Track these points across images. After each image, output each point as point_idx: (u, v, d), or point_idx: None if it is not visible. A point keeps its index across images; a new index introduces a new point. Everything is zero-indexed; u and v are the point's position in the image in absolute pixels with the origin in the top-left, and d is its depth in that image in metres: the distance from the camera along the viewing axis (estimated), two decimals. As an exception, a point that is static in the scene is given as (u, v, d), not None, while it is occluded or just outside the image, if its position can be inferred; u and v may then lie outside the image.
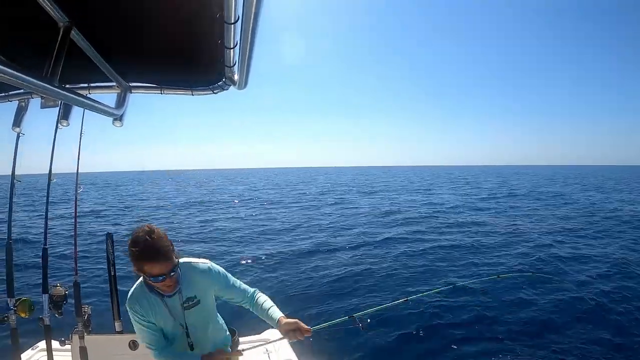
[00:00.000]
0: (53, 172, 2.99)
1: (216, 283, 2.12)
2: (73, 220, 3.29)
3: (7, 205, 2.97)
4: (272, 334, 3.47)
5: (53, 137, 2.91)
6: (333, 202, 25.85)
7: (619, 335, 5.54)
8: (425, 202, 24.83)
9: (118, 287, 3.15)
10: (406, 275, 8.66)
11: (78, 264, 3.18)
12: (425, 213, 19.11)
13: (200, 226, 16.29)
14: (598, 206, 21.16)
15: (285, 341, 3.29)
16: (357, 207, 22.38)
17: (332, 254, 10.67)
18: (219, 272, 2.14)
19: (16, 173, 2.92)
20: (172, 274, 1.86)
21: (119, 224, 17.00)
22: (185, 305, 2.03)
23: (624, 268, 8.72)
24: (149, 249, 1.78)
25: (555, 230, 13.95)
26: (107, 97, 2.17)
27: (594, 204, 22.15)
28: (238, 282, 2.21)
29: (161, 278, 1.83)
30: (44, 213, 3.18)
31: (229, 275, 2.20)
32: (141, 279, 1.98)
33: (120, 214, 21.20)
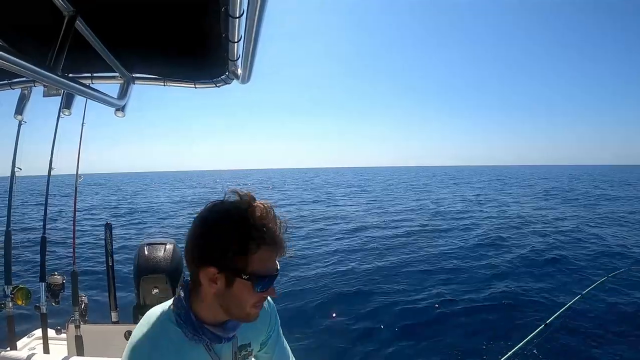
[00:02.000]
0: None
1: (272, 328, 1.37)
2: (73, 210, 3.30)
3: (9, 197, 2.98)
4: None
5: (55, 126, 2.91)
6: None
7: None
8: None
9: (115, 278, 3.16)
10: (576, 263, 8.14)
11: (76, 254, 3.18)
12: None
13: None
14: None
15: None
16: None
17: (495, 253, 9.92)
18: (277, 313, 1.40)
19: (16, 162, 2.92)
20: None
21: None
22: (240, 355, 1.24)
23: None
24: (279, 227, 1.07)
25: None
26: (110, 87, 2.17)
27: None
28: (285, 342, 1.46)
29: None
30: (43, 202, 3.19)
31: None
32: (163, 310, 1.14)
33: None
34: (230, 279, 1.03)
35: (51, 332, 2.95)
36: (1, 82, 2.08)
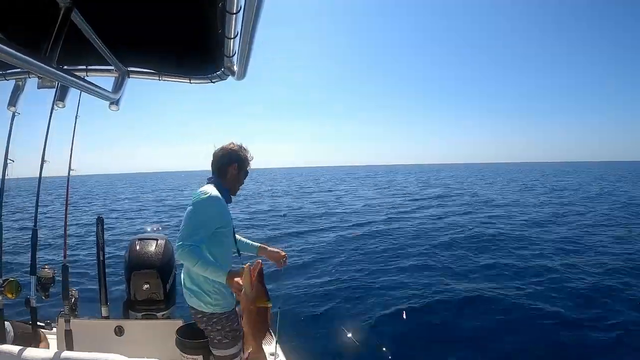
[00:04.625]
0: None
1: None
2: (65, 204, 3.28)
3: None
4: None
5: (48, 118, 2.89)
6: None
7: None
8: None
9: (107, 272, 3.15)
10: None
11: (68, 248, 3.16)
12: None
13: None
14: None
15: (273, 341, 3.29)
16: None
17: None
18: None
19: (9, 154, 2.90)
20: None
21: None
22: None
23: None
24: (250, 157, 2.44)
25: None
26: (104, 80, 2.16)
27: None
28: None
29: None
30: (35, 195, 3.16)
31: None
32: (213, 186, 2.23)
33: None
34: (239, 170, 2.38)
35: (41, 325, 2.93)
36: None
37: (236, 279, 1.86)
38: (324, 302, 6.62)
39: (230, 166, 2.32)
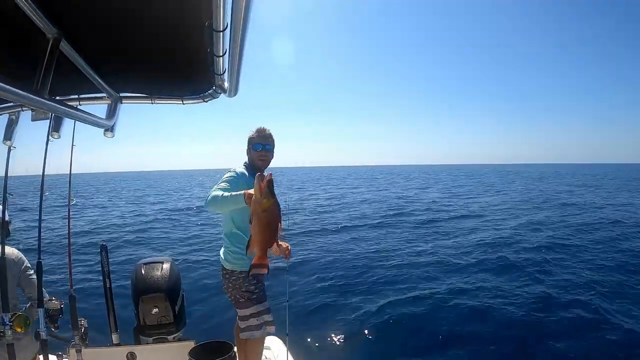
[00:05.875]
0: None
1: None
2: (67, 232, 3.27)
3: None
4: (270, 341, 3.45)
5: (44, 150, 2.89)
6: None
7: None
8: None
9: (114, 299, 3.13)
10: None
11: (73, 276, 3.15)
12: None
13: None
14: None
15: (285, 349, 3.28)
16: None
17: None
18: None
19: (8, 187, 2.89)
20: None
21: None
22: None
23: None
24: (264, 136, 2.90)
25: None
26: (97, 108, 2.17)
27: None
28: None
29: (268, 147, 2.88)
30: (37, 226, 3.14)
31: None
32: (242, 165, 2.89)
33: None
34: (250, 146, 2.91)
35: (52, 358, 2.91)
36: None
37: (248, 191, 2.14)
38: (331, 296, 6.90)
39: (247, 148, 2.96)
